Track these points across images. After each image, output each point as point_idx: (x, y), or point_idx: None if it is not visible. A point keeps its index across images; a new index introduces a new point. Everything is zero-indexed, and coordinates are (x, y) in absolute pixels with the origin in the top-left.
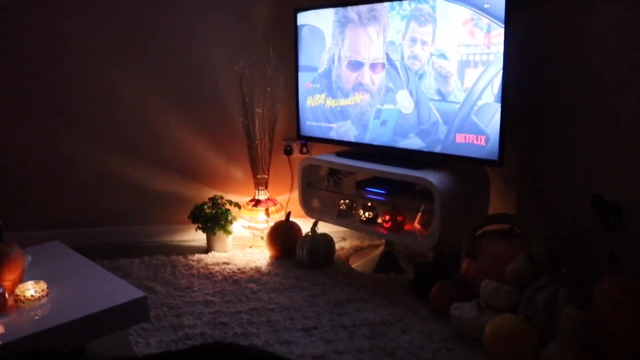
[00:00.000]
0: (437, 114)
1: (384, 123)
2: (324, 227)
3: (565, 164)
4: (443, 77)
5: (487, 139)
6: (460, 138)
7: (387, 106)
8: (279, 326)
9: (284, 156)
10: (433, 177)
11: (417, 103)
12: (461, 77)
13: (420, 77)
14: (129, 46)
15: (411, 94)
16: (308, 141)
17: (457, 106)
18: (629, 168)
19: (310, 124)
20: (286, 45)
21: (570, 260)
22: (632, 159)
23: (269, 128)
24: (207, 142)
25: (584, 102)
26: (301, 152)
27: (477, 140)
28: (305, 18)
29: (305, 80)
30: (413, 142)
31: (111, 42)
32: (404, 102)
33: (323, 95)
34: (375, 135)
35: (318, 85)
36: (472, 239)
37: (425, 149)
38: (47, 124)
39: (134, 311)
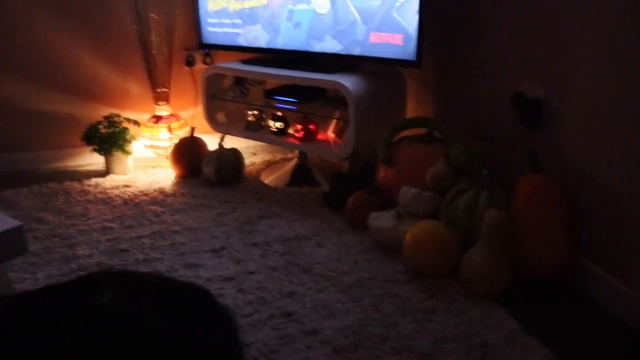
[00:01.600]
0: (356, 13)
1: (297, 25)
2: (232, 142)
3: (484, 63)
4: None
5: (405, 38)
6: (375, 38)
7: (300, 6)
8: (184, 249)
9: (186, 68)
10: (346, 81)
11: (333, 2)
12: None
13: None
14: None
15: None
16: (211, 49)
17: (378, 3)
18: (549, 63)
19: (214, 31)
20: None
21: (491, 161)
22: (552, 54)
23: (167, 36)
24: (97, 55)
25: None
26: (204, 62)
27: (393, 39)
28: None
29: None
30: (329, 45)
31: None
32: (319, 0)
33: None
34: (289, 39)
35: None
36: (389, 145)
37: (343, 52)
38: None
39: (7, 244)
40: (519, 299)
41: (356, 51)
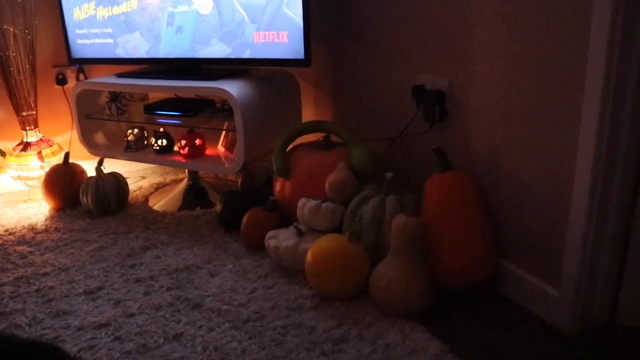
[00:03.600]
0: (242, 11)
1: (179, 30)
2: (118, 166)
3: (379, 58)
4: None
5: (290, 36)
6: (258, 37)
7: (180, 8)
8: (53, 294)
9: (57, 87)
10: (230, 87)
11: (216, 0)
12: None
13: None
14: None
15: None
16: (83, 64)
17: None
18: (447, 53)
19: (83, 43)
20: None
21: (396, 163)
22: (449, 43)
23: (28, 51)
24: None
25: None
26: (78, 79)
27: (278, 37)
28: None
29: None
30: (217, 50)
31: None
32: (201, 0)
33: (92, 4)
34: (171, 46)
35: None
36: (283, 155)
37: (232, 56)
38: None
39: None
40: (440, 313)
41: (246, 54)
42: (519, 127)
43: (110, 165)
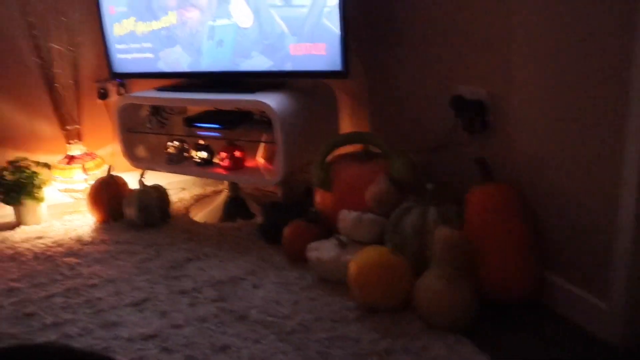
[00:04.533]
0: (283, 24)
1: (220, 43)
2: (158, 178)
3: (418, 68)
4: None
5: (328, 47)
6: (295, 49)
7: (220, 21)
8: (101, 305)
9: (99, 101)
10: (270, 100)
11: (256, 13)
12: None
13: None
14: None
15: (248, 3)
16: (125, 79)
17: (305, 10)
18: (487, 63)
19: (124, 57)
20: None
21: (437, 174)
22: (489, 53)
23: (73, 67)
24: None
25: None
26: (119, 93)
27: (315, 49)
28: None
29: (109, 3)
30: (258, 63)
31: None
32: (241, 13)
33: (132, 20)
34: (213, 59)
35: (125, 9)
36: (323, 166)
37: (274, 69)
38: None
39: None
40: (485, 326)
41: (287, 66)
42: (562, 137)
43: (150, 177)
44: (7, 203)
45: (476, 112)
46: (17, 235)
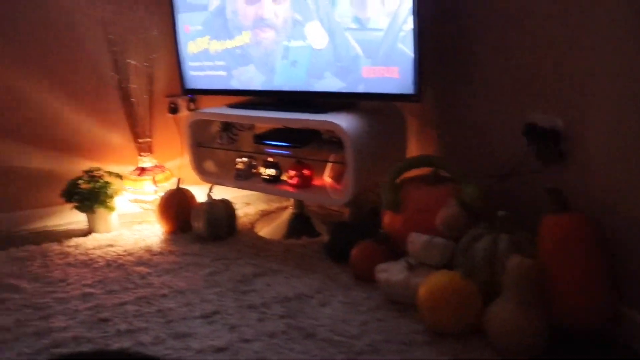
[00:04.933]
0: (357, 47)
1: (294, 63)
2: (224, 192)
3: (490, 93)
4: (360, 1)
5: (401, 71)
6: (368, 72)
7: (295, 42)
8: (172, 316)
9: (170, 115)
10: (341, 121)
11: (331, 35)
12: None
13: (333, 3)
14: None
15: (323, 25)
16: (195, 95)
17: (381, 34)
18: (564, 91)
19: (196, 74)
20: None
21: (507, 201)
22: (566, 81)
23: (147, 83)
24: (74, 105)
25: (506, 19)
26: (189, 109)
27: (388, 72)
28: None
29: (185, 22)
30: (331, 84)
31: None
32: (316, 35)
33: (206, 39)
34: (286, 79)
35: (200, 28)
36: (393, 188)
37: (346, 90)
38: None
39: None
40: (555, 356)
41: (360, 88)
42: None
43: (215, 191)
44: (81, 210)
45: (551, 140)
46: (90, 242)
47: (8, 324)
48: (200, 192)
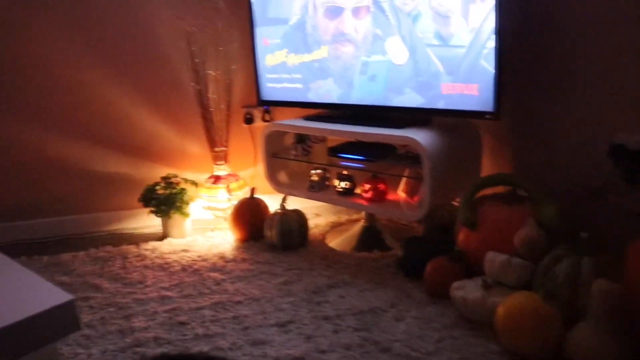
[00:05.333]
0: (438, 62)
1: (372, 78)
2: (294, 203)
3: (573, 110)
4: (443, 17)
5: (481, 88)
6: (447, 89)
7: (375, 57)
8: (248, 323)
9: (244, 126)
10: (419, 137)
11: (412, 51)
12: (465, 15)
13: (415, 19)
14: (60, 13)
15: (404, 41)
16: (271, 106)
17: (463, 51)
18: None
19: (272, 86)
20: None
21: (587, 223)
22: None
23: (225, 93)
24: (155, 114)
25: (592, 32)
26: (264, 119)
27: (467, 89)
28: None
29: (264, 35)
30: (410, 99)
31: (38, 10)
32: (396, 50)
33: (284, 52)
34: (364, 93)
35: (278, 41)
36: (470, 206)
37: (426, 106)
38: None
39: (59, 320)
40: None
41: (440, 104)
42: None
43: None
44: (157, 215)
45: (637, 161)
46: (165, 246)
47: (93, 321)
48: (270, 201)
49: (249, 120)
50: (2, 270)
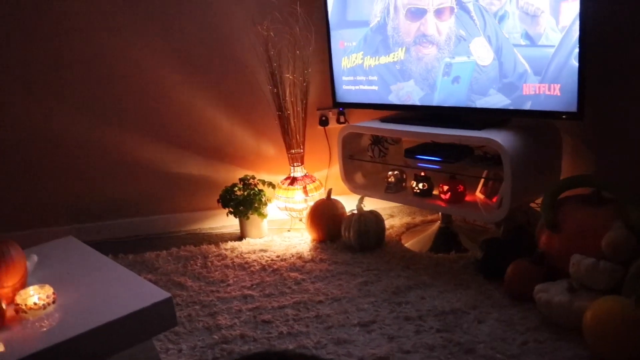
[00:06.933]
0: (525, 63)
1: (456, 80)
2: (368, 204)
3: None
4: (531, 17)
5: (563, 88)
6: (528, 89)
7: (459, 59)
8: (330, 322)
9: (319, 127)
10: (500, 138)
11: (497, 52)
12: (555, 13)
13: (501, 19)
14: (144, 19)
15: (490, 42)
16: (346, 108)
17: (552, 50)
18: None
19: (348, 89)
20: (316, 0)
21: None
22: None
23: (302, 96)
24: (233, 117)
25: None
26: (338, 121)
27: (550, 90)
28: None
29: (340, 38)
30: (495, 100)
31: (122, 12)
32: (481, 51)
33: (360, 54)
34: (446, 95)
35: (354, 44)
36: (552, 207)
37: (511, 107)
38: (59, 108)
39: (158, 316)
40: None
41: (527, 105)
42: None
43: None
44: (236, 216)
45: None
46: (244, 246)
47: (180, 318)
48: (345, 202)
49: (323, 122)
50: (100, 268)
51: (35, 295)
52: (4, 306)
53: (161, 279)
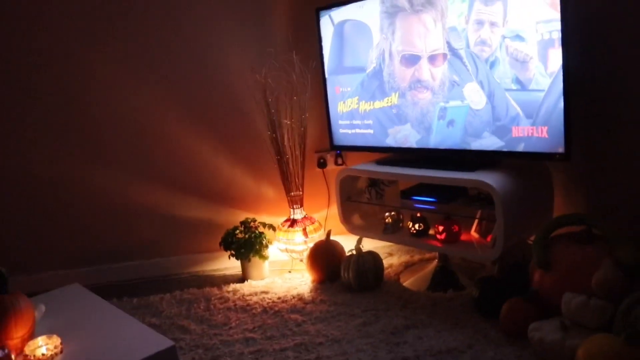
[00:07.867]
0: (517, 107)
1: (450, 123)
2: (366, 244)
3: None
4: (521, 62)
5: (550, 129)
6: (516, 132)
7: (453, 103)
8: None
9: (317, 169)
10: (491, 179)
11: (490, 96)
12: (544, 59)
13: (492, 65)
14: (145, 66)
15: (482, 86)
16: (344, 151)
17: (542, 95)
18: None
19: (345, 132)
20: (312, 48)
21: None
22: None
23: (300, 140)
24: (233, 162)
25: None
26: (336, 163)
27: (537, 132)
28: (345, 13)
29: (336, 84)
30: (489, 143)
31: (126, 64)
32: (474, 96)
33: (355, 99)
34: (442, 138)
35: (349, 89)
36: (543, 246)
37: (505, 149)
38: (63, 152)
39: None
40: None
41: (520, 147)
42: None
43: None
44: (237, 258)
45: None
46: (246, 288)
47: None
48: (344, 242)
49: (322, 164)
50: (105, 316)
51: (43, 346)
52: (13, 357)
53: (165, 323)
